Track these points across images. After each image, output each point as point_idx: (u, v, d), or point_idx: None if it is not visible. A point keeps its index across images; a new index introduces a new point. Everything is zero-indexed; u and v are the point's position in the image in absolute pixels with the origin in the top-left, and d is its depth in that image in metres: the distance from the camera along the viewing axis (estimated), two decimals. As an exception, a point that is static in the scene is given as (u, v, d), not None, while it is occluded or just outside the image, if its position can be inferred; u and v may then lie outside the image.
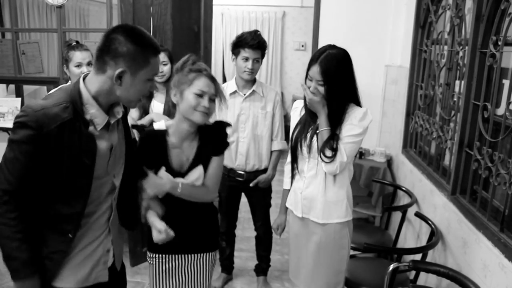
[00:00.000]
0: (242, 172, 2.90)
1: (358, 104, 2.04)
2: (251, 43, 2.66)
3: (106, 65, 1.42)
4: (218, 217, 2.08)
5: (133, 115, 2.80)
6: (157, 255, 1.97)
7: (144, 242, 3.05)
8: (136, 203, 1.79)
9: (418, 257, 2.44)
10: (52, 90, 1.63)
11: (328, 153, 1.95)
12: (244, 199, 3.06)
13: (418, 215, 2.70)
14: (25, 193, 1.42)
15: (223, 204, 3.02)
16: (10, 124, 3.84)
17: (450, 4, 2.75)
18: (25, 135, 1.36)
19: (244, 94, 2.81)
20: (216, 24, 7.35)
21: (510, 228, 1.91)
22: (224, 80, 7.51)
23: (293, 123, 2.17)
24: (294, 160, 2.13)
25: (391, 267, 2.04)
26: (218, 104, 1.90)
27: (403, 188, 3.20)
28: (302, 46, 7.53)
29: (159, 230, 1.76)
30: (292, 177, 2.18)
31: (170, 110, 2.02)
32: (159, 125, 1.94)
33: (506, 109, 1.92)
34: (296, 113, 2.18)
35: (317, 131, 2.01)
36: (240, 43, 2.70)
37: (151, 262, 1.99)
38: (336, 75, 1.92)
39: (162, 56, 2.90)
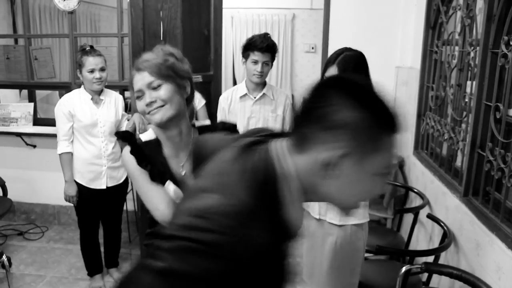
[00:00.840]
0: (253, 175, 2.90)
1: None
2: (260, 46, 2.67)
3: (313, 140, 0.85)
4: None
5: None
6: None
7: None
8: None
9: (430, 259, 2.42)
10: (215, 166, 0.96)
11: None
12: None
13: (430, 217, 2.68)
14: None
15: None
16: (23, 129, 3.82)
17: (460, 5, 2.73)
18: (212, 269, 0.76)
19: (255, 97, 2.81)
20: (226, 27, 7.37)
21: (524, 230, 1.89)
22: (235, 83, 7.53)
23: None
24: None
25: (404, 269, 2.03)
26: (227, 108, 1.90)
27: (415, 190, 3.18)
28: (312, 48, 7.51)
29: None
30: None
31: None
32: (147, 135, 1.62)
33: (519, 110, 1.91)
34: None
35: None
36: (250, 46, 2.71)
37: None
38: None
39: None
